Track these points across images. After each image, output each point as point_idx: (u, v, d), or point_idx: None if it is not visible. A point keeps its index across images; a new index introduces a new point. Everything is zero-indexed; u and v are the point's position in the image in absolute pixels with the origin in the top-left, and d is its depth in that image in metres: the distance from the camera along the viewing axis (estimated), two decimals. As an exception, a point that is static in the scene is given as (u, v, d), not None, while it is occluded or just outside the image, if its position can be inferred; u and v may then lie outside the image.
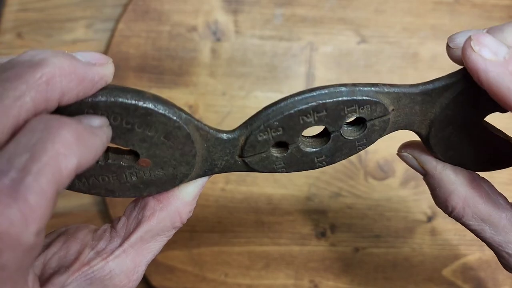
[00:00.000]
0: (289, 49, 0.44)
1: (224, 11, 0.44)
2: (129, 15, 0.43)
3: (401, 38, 0.44)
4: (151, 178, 0.20)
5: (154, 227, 0.22)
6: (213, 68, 0.43)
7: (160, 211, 0.22)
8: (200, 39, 0.44)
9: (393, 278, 0.43)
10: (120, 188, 0.20)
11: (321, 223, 0.43)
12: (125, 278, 0.21)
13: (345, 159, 0.22)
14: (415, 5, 0.45)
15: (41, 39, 0.46)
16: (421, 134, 0.23)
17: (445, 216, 0.43)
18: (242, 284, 0.42)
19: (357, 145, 0.22)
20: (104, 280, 0.21)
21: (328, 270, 0.42)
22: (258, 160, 0.21)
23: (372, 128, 0.21)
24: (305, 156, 0.22)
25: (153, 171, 0.20)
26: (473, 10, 0.45)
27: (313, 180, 0.43)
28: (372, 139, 0.22)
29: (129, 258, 0.21)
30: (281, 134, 0.21)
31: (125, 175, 0.20)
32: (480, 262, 0.43)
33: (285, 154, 0.21)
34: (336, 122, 0.21)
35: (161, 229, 0.22)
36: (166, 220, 0.22)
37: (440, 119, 0.22)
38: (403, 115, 0.22)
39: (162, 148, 0.19)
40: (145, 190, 0.21)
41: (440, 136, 0.22)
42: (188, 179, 0.21)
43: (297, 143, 0.21)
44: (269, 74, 0.44)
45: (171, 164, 0.20)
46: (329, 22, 0.44)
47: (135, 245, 0.22)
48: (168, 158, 0.20)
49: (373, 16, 0.44)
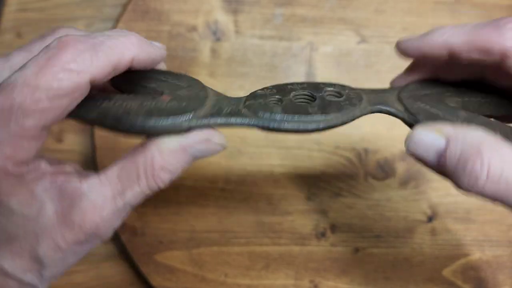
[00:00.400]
0: (289, 49, 0.44)
1: (224, 11, 0.44)
2: (129, 15, 0.43)
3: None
4: (165, 107, 0.23)
5: (129, 168, 0.22)
6: (213, 67, 0.43)
7: (137, 153, 0.23)
8: (200, 39, 0.44)
9: (393, 278, 0.43)
10: (136, 110, 0.23)
11: (321, 223, 0.43)
12: (93, 208, 0.21)
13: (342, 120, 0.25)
14: (415, 5, 0.45)
15: (40, 39, 0.46)
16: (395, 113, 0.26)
17: (445, 216, 0.44)
18: (242, 284, 0.42)
19: (342, 105, 0.25)
20: (72, 198, 0.21)
21: (328, 270, 0.43)
22: (258, 106, 0.25)
23: (349, 96, 0.26)
24: (299, 106, 0.25)
25: (170, 103, 0.24)
26: (473, 9, 0.45)
27: (313, 180, 0.43)
28: (353, 102, 0.26)
29: (102, 190, 0.22)
30: (275, 92, 0.26)
31: (147, 100, 0.24)
32: (481, 262, 0.43)
33: (281, 104, 0.25)
34: (316, 90, 0.26)
35: (136, 174, 0.22)
36: (139, 163, 0.22)
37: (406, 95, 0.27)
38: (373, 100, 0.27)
39: (183, 91, 0.25)
40: (156, 118, 0.23)
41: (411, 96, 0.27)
42: (196, 114, 0.24)
43: (290, 96, 0.26)
44: (269, 74, 0.44)
45: (185, 99, 0.24)
46: (329, 22, 0.44)
47: (111, 180, 0.22)
48: (185, 96, 0.25)
49: (373, 16, 0.44)
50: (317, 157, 0.43)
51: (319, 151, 0.43)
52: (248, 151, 0.43)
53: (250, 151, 0.43)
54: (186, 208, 0.42)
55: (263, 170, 0.43)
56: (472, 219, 0.43)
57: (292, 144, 0.43)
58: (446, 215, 0.43)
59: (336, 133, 0.43)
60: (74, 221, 0.21)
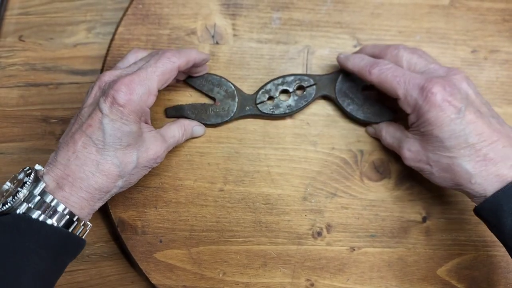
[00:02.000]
0: (286, 52, 0.45)
1: (223, 15, 0.45)
2: (129, 19, 0.44)
3: (397, 42, 0.45)
4: (218, 112, 0.43)
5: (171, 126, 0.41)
6: (211, 71, 0.44)
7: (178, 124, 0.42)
8: (199, 42, 0.44)
9: (388, 277, 0.43)
10: (208, 117, 0.43)
11: (317, 223, 0.43)
12: (154, 148, 0.38)
13: (305, 105, 0.43)
14: (410, 9, 0.45)
15: (42, 42, 0.46)
16: (331, 97, 0.44)
17: (439, 216, 0.44)
18: (240, 283, 0.43)
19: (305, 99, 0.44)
20: (140, 142, 0.37)
21: (324, 269, 0.43)
22: (261, 105, 0.43)
23: (308, 91, 0.44)
24: (281, 104, 0.43)
25: (219, 107, 0.43)
26: (468, 13, 0.45)
27: (309, 181, 0.44)
28: (309, 96, 0.44)
29: (157, 136, 0.38)
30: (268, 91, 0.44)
31: (209, 110, 0.43)
32: (475, 262, 0.43)
33: (272, 102, 0.44)
34: (290, 86, 0.43)
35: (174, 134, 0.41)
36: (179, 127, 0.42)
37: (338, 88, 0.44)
38: (322, 88, 0.44)
39: (224, 97, 0.43)
40: (215, 118, 0.43)
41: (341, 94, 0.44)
42: (232, 114, 0.43)
43: (278, 97, 0.44)
44: (266, 77, 0.44)
45: (227, 104, 0.43)
46: (325, 25, 0.45)
47: (161, 131, 0.40)
48: (226, 102, 0.43)
49: (369, 20, 0.45)
50: (314, 158, 0.44)
51: (315, 152, 0.44)
52: (245, 152, 0.44)
53: (248, 152, 0.44)
54: (185, 207, 0.43)
55: (261, 171, 0.44)
56: (466, 220, 0.43)
57: (289, 145, 0.44)
58: (440, 215, 0.43)
59: (332, 134, 0.44)
60: (148, 149, 0.37)
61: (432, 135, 0.36)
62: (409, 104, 0.37)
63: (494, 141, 0.35)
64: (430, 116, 0.35)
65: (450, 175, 0.36)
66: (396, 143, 0.40)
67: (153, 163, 0.38)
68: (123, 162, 0.35)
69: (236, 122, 0.44)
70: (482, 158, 0.35)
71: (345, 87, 0.43)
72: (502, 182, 0.34)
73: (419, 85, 0.36)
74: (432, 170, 0.37)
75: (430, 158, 0.37)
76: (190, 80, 0.43)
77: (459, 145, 0.35)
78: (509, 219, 0.33)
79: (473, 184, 0.35)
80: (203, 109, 0.43)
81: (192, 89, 0.44)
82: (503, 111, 0.45)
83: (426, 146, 0.37)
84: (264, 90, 0.43)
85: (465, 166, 0.35)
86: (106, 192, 0.35)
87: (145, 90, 0.35)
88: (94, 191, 0.34)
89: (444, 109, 0.35)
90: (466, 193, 0.36)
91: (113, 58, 0.44)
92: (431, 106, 0.35)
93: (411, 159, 0.38)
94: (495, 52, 0.45)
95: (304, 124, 0.44)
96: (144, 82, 0.35)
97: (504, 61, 0.45)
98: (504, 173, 0.34)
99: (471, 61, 0.45)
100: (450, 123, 0.35)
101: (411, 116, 0.37)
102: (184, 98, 0.44)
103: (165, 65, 0.36)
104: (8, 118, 0.46)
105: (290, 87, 0.43)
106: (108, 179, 0.35)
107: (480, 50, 0.45)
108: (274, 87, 0.43)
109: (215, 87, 0.43)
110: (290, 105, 0.43)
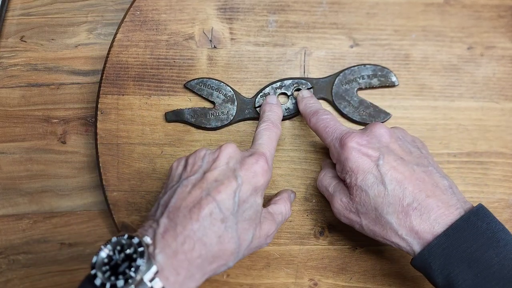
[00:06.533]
0: (283, 55, 0.45)
1: (220, 19, 0.45)
2: (127, 25, 0.45)
3: (393, 40, 0.45)
4: (218, 116, 0.44)
5: (277, 203, 0.40)
6: (210, 74, 0.45)
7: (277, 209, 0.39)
8: (197, 47, 0.45)
9: (391, 275, 0.43)
10: (208, 121, 0.44)
11: (319, 222, 0.44)
12: (266, 227, 0.36)
13: None
14: (405, 8, 0.45)
15: (43, 43, 0.47)
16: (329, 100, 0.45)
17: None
18: (244, 284, 0.43)
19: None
20: (258, 219, 0.34)
21: (327, 269, 0.43)
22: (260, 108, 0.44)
23: None
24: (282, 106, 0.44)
25: (219, 111, 0.44)
26: (463, 10, 0.46)
27: (309, 181, 0.44)
28: None
29: (266, 215, 0.37)
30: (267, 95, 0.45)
31: (209, 114, 0.44)
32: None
33: None
34: (288, 89, 0.44)
35: (281, 211, 0.39)
36: (285, 203, 0.40)
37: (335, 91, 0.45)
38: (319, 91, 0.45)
39: (223, 101, 0.44)
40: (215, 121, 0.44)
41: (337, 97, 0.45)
42: (232, 118, 0.44)
43: None
44: (265, 79, 0.45)
45: (226, 108, 0.44)
46: (321, 27, 0.45)
47: (268, 209, 0.38)
48: (225, 106, 0.44)
49: (364, 20, 0.45)
50: (314, 159, 0.44)
51: (315, 153, 0.44)
52: (246, 154, 0.44)
53: (248, 154, 0.44)
54: (187, 211, 0.43)
55: (261, 173, 0.44)
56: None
57: (289, 146, 0.44)
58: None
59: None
60: (262, 229, 0.35)
61: (356, 185, 0.35)
62: (333, 154, 0.38)
63: (417, 191, 0.33)
64: (350, 166, 0.35)
65: (379, 228, 0.35)
66: (331, 189, 0.38)
67: (263, 243, 0.36)
68: (241, 239, 0.32)
69: (236, 125, 0.44)
70: (404, 209, 0.33)
71: (341, 90, 0.44)
72: (425, 240, 0.32)
73: (339, 136, 0.37)
74: (362, 222, 0.36)
75: (358, 210, 0.36)
76: (189, 85, 0.44)
77: (379, 195, 0.34)
78: (439, 277, 0.32)
79: (401, 238, 0.34)
80: (203, 113, 0.44)
81: (192, 94, 0.44)
82: (501, 107, 0.45)
83: (354, 197, 0.36)
84: (263, 94, 0.44)
85: (389, 219, 0.34)
86: (213, 273, 0.32)
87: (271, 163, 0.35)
88: (209, 272, 0.31)
89: (361, 158, 0.35)
90: (398, 247, 0.35)
91: (112, 65, 0.44)
92: (348, 156, 0.35)
93: (342, 208, 0.37)
94: (491, 48, 0.46)
95: (303, 125, 0.45)
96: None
97: (501, 57, 0.45)
98: (425, 230, 0.32)
99: (468, 58, 0.45)
100: (368, 172, 0.34)
101: (337, 166, 0.37)
102: (183, 102, 0.44)
103: None
104: (10, 118, 0.46)
105: (288, 91, 0.44)
106: (223, 256, 0.31)
107: (476, 47, 0.46)
108: (273, 91, 0.44)
109: (214, 91, 0.44)
110: (288, 108, 0.44)
